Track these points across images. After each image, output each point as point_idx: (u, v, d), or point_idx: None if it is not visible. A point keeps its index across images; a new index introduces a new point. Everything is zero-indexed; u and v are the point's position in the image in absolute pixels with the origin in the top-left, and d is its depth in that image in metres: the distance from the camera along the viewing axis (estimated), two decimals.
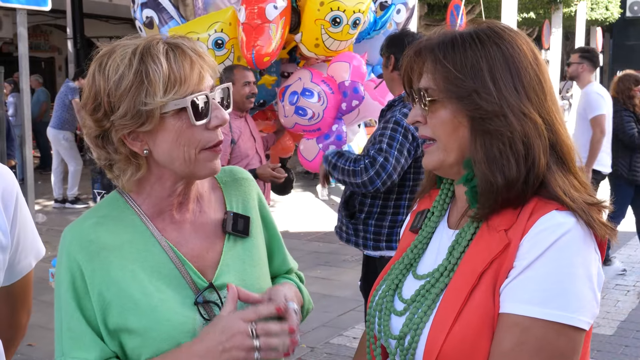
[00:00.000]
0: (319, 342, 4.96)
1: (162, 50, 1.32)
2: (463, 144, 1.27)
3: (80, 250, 1.37)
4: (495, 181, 1.20)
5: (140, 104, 1.30)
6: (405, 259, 1.40)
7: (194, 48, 1.35)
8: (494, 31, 1.26)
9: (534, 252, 1.16)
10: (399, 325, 1.31)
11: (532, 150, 1.20)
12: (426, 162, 1.34)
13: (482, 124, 1.22)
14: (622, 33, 26.12)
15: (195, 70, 1.33)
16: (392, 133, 3.35)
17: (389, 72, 3.66)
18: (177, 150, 1.35)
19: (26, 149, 7.88)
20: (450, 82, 1.24)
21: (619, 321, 5.38)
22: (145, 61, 1.31)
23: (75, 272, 1.36)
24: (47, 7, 7.83)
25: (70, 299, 1.36)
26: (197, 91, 1.33)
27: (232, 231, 1.49)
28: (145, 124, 1.32)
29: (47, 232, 8.46)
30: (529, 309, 1.14)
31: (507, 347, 1.14)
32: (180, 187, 1.43)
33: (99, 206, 1.47)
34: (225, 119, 1.37)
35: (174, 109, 1.32)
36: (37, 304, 6.62)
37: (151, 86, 1.29)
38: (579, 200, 1.19)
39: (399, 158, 3.31)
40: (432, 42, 1.28)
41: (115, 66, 1.32)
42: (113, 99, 1.32)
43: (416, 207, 1.53)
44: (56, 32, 18.76)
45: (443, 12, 14.15)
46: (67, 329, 1.36)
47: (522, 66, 1.24)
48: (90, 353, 1.34)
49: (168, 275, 1.39)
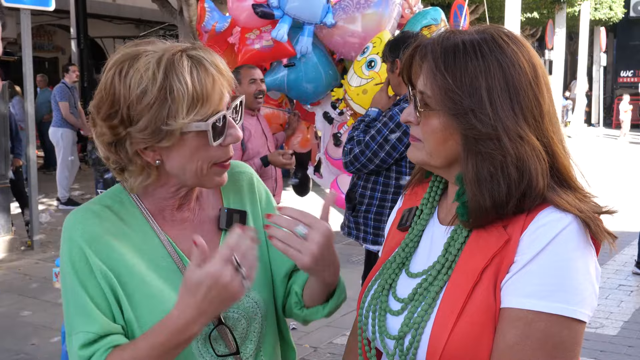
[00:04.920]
0: (322, 342, 4.97)
1: (187, 67, 1.31)
2: (450, 154, 1.27)
3: (84, 232, 1.38)
4: (484, 203, 1.20)
5: (162, 123, 1.30)
6: (397, 258, 1.40)
7: (214, 63, 1.34)
8: (497, 44, 1.24)
9: (535, 247, 1.17)
10: (396, 325, 1.31)
11: (527, 173, 1.19)
12: (410, 155, 1.35)
13: (475, 144, 1.21)
14: (625, 33, 26.09)
15: (216, 89, 1.33)
16: (381, 127, 3.61)
17: (395, 77, 3.67)
18: (190, 165, 1.36)
19: (30, 149, 7.91)
20: (448, 96, 1.22)
21: (622, 321, 5.37)
22: (169, 76, 1.30)
23: (78, 253, 1.37)
24: (51, 7, 7.84)
25: (74, 278, 1.37)
26: (217, 111, 1.33)
27: (226, 227, 1.50)
28: (164, 140, 1.32)
29: (50, 232, 8.47)
30: (532, 302, 1.15)
31: (511, 341, 1.16)
32: (183, 192, 1.45)
33: (103, 196, 1.48)
34: (239, 137, 1.39)
35: (195, 130, 1.32)
36: (40, 303, 6.66)
37: (174, 104, 1.29)
38: (587, 211, 1.20)
39: (377, 152, 3.60)
40: (434, 46, 1.26)
41: (138, 77, 1.30)
42: (133, 111, 1.31)
43: (402, 204, 1.53)
44: (60, 32, 18.79)
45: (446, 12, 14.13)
46: (73, 307, 1.37)
47: (521, 87, 1.22)
48: (94, 326, 1.34)
49: (166, 269, 1.41)
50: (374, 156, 3.59)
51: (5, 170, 7.63)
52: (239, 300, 1.28)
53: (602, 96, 24.42)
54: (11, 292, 6.17)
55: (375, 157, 3.59)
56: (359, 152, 3.62)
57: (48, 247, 7.76)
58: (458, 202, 1.27)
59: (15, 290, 6.20)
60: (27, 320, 5.43)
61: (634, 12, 25.18)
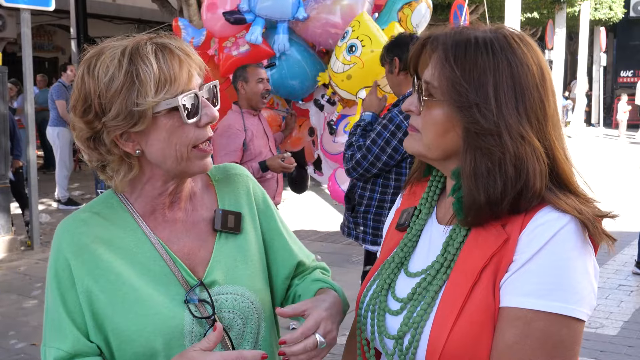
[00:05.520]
0: None
1: (151, 51, 1.33)
2: (448, 147, 1.28)
3: (71, 243, 1.40)
4: (479, 198, 1.21)
5: (132, 105, 1.32)
6: (396, 258, 1.40)
7: (181, 47, 1.37)
8: (508, 43, 1.25)
9: (534, 246, 1.18)
10: (396, 325, 1.31)
11: (524, 173, 1.20)
12: (406, 145, 1.36)
13: (476, 138, 1.22)
14: (625, 33, 26.09)
15: (184, 69, 1.35)
16: (381, 129, 3.58)
17: (394, 77, 3.65)
18: (169, 149, 1.37)
19: (30, 149, 7.90)
20: (454, 88, 1.23)
21: (622, 321, 5.37)
22: (134, 62, 1.32)
23: (62, 264, 1.39)
24: (51, 7, 7.85)
25: (55, 289, 1.39)
26: (187, 90, 1.35)
27: (221, 229, 1.50)
28: (138, 124, 1.34)
29: (50, 232, 8.48)
30: (531, 301, 1.16)
31: (510, 340, 1.16)
32: (171, 187, 1.45)
33: (93, 202, 1.50)
34: (215, 116, 1.40)
35: (165, 108, 1.34)
36: (40, 304, 6.66)
37: (142, 86, 1.31)
38: (586, 212, 1.20)
39: (380, 155, 3.56)
40: (446, 38, 1.27)
41: (104, 68, 1.33)
42: (104, 100, 1.33)
43: (400, 205, 1.54)
44: (60, 32, 18.79)
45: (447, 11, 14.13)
46: (50, 319, 1.40)
47: (527, 87, 1.23)
48: (64, 343, 1.36)
49: (158, 272, 1.41)
50: (376, 160, 3.56)
51: (5, 171, 7.63)
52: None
53: (602, 96, 24.42)
54: (11, 292, 6.17)
55: (378, 161, 3.56)
56: (360, 157, 3.59)
57: (48, 247, 7.75)
58: (453, 198, 1.27)
59: (15, 290, 6.20)
60: (27, 320, 5.44)
61: (634, 12, 25.17)
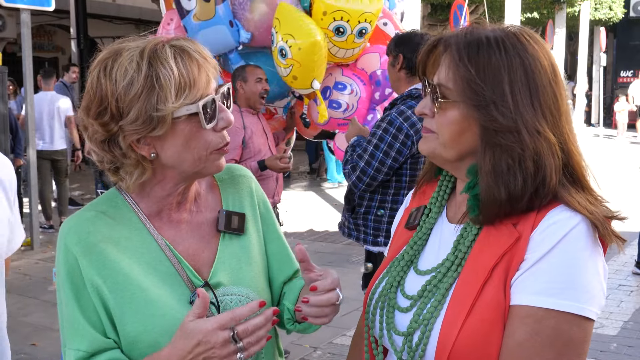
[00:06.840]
0: (322, 342, 4.96)
1: (171, 54, 1.31)
2: (464, 147, 1.28)
3: (78, 242, 1.38)
4: (499, 195, 1.21)
5: (152, 110, 1.30)
6: (406, 256, 1.40)
7: (198, 51, 1.36)
8: (519, 41, 1.26)
9: (546, 245, 1.18)
10: (405, 322, 1.31)
11: (542, 168, 1.21)
12: (421, 147, 1.35)
13: (495, 136, 1.22)
14: (625, 33, 26.08)
15: (202, 73, 1.34)
16: (382, 134, 3.47)
17: (395, 72, 3.65)
18: (187, 153, 1.36)
19: (30, 149, 7.91)
20: (470, 87, 1.23)
21: (622, 322, 5.38)
22: (154, 65, 1.30)
23: (73, 263, 1.38)
24: (51, 7, 7.85)
25: (69, 290, 1.38)
26: (206, 95, 1.34)
27: (225, 229, 1.49)
28: (157, 129, 1.32)
29: (50, 232, 8.48)
30: (542, 300, 1.16)
31: (521, 338, 1.16)
32: (180, 188, 1.44)
33: (97, 201, 1.48)
34: (230, 121, 1.39)
35: (186, 114, 1.32)
36: (40, 304, 6.65)
37: (162, 91, 1.29)
38: (597, 213, 1.21)
39: (384, 160, 3.45)
40: (458, 38, 1.28)
41: (123, 70, 1.31)
42: (122, 103, 1.31)
43: (409, 204, 1.54)
44: (60, 32, 18.77)
45: (446, 12, 14.15)
46: (66, 320, 1.39)
47: (541, 83, 1.24)
48: (82, 343, 1.36)
49: (164, 273, 1.40)
50: (381, 165, 3.45)
51: None
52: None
53: (602, 96, 24.42)
54: (11, 292, 6.15)
55: (383, 166, 3.46)
56: (364, 165, 3.47)
57: (48, 247, 7.76)
58: (468, 195, 1.27)
59: (15, 290, 6.19)
60: (27, 320, 5.44)
61: (634, 12, 25.16)
